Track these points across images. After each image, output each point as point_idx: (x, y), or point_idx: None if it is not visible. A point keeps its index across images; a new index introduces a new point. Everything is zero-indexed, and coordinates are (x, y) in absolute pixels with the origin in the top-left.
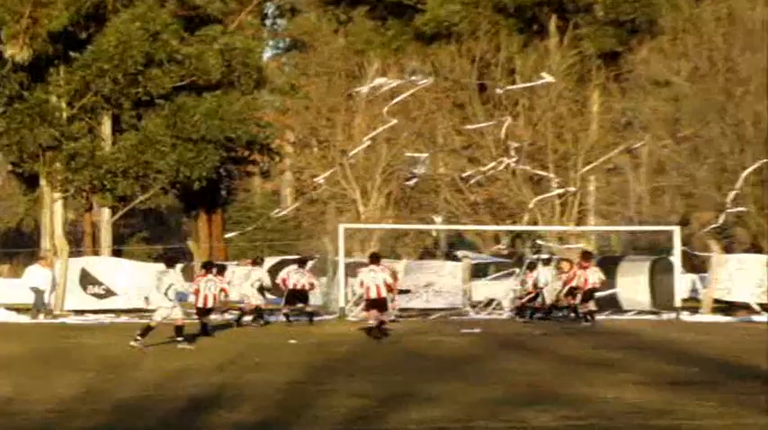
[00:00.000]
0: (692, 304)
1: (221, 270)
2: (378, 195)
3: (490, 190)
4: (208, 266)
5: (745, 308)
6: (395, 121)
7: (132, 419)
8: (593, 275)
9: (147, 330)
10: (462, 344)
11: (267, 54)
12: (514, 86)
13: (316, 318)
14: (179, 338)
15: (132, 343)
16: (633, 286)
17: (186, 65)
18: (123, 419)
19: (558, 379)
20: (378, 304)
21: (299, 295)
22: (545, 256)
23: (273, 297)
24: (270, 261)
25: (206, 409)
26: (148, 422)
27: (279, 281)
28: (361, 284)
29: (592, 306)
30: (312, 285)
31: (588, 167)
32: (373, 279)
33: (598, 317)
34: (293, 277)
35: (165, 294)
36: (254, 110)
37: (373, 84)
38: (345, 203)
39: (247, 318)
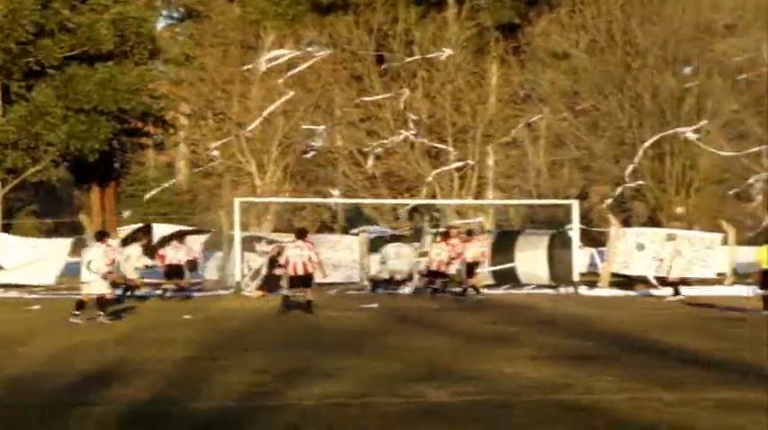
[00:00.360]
0: (591, 278)
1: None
2: (274, 168)
3: (388, 163)
4: (100, 236)
5: (644, 282)
6: (292, 93)
7: (21, 395)
8: (473, 249)
9: (80, 305)
10: (361, 320)
11: (161, 24)
12: (412, 58)
13: (212, 293)
14: (100, 313)
15: (72, 319)
16: (532, 260)
17: (78, 34)
18: (11, 395)
19: (456, 354)
20: (303, 280)
21: (175, 271)
22: (443, 230)
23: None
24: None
25: (99, 385)
26: (38, 398)
27: (158, 256)
28: (287, 261)
29: (474, 281)
30: (191, 261)
31: (486, 137)
32: (300, 256)
33: (497, 291)
34: (170, 253)
35: (88, 268)
36: (148, 81)
37: (269, 55)
38: (241, 176)
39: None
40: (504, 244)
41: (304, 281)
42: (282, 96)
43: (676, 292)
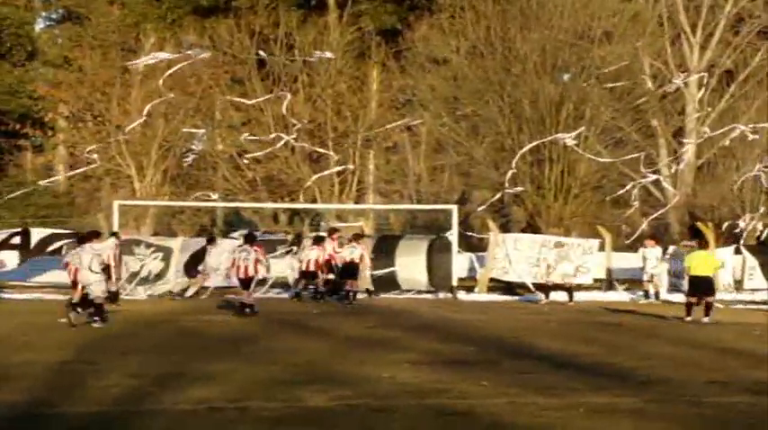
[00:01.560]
0: (471, 283)
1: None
2: (154, 171)
3: (269, 167)
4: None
5: (523, 287)
6: (171, 95)
7: None
8: (348, 252)
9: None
10: (239, 324)
11: (40, 25)
12: (293, 62)
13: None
14: (95, 317)
15: (95, 325)
16: (411, 265)
17: None
18: None
19: (335, 358)
20: (245, 283)
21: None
22: (320, 234)
23: None
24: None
25: None
26: None
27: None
28: (233, 263)
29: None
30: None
31: (367, 142)
32: (245, 259)
33: (379, 296)
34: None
35: (90, 268)
36: (27, 82)
37: (149, 57)
38: (120, 179)
39: None
40: (384, 249)
41: (245, 283)
42: (162, 98)
43: (571, 297)
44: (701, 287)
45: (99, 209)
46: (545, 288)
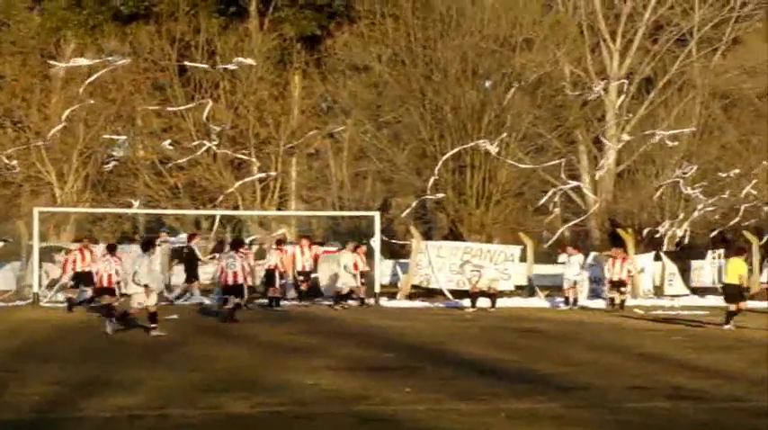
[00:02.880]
0: (393, 290)
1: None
2: (75, 178)
3: (191, 173)
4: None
5: (442, 294)
6: (92, 102)
7: None
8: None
9: (124, 315)
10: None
11: None
12: (215, 68)
13: (10, 304)
14: (153, 325)
15: (154, 332)
16: (334, 272)
17: None
18: None
19: (256, 365)
20: (233, 290)
21: None
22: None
23: None
24: None
25: None
26: None
27: None
28: (221, 270)
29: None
30: None
31: (289, 149)
32: (232, 266)
33: (299, 302)
34: None
35: (133, 280)
36: None
37: (70, 63)
38: (41, 186)
39: None
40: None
41: (235, 290)
42: (82, 104)
43: (494, 304)
44: (731, 294)
45: (19, 215)
46: (472, 295)
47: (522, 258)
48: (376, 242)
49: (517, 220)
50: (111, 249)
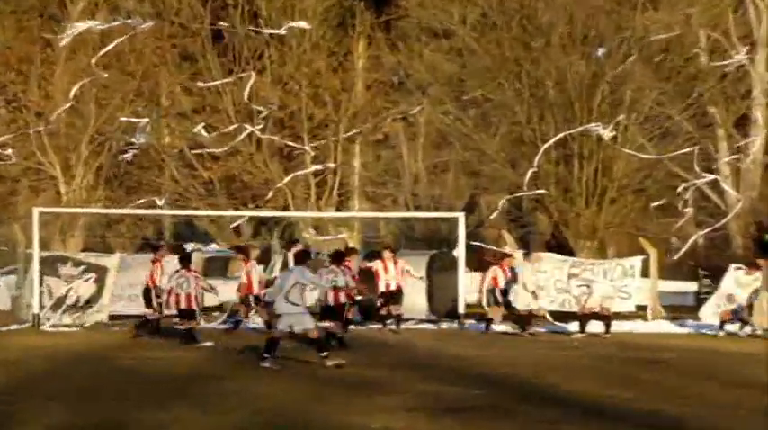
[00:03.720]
0: (481, 310)
1: None
2: (84, 171)
3: (228, 166)
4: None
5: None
6: (105, 75)
7: None
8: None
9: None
10: (192, 361)
11: None
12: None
13: (2, 328)
14: (323, 354)
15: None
16: (407, 289)
17: None
18: None
19: (311, 403)
20: (332, 312)
21: None
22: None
23: None
24: None
25: None
26: None
27: None
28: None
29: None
30: None
31: (351, 135)
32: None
33: (362, 327)
34: None
35: (286, 298)
36: None
37: (77, 27)
38: (42, 181)
39: None
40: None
41: (333, 313)
42: (93, 78)
43: (608, 328)
44: None
45: (15, 218)
46: (581, 318)
47: (645, 272)
48: (460, 251)
49: (637, 224)
50: (186, 261)
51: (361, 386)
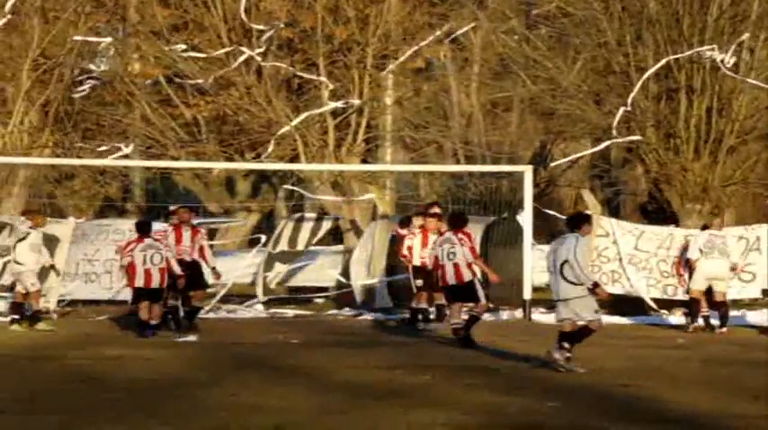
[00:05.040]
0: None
1: None
2: (26, 107)
3: (219, 102)
4: None
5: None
6: None
7: None
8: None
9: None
10: (171, 361)
11: None
12: None
13: None
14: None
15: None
16: None
17: None
18: None
19: (335, 418)
20: (463, 292)
21: None
22: (309, 214)
23: None
24: None
25: None
26: None
27: None
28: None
29: None
30: None
31: (382, 61)
32: (450, 254)
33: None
34: None
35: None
36: None
37: None
38: None
39: None
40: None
41: (464, 292)
42: None
43: (724, 321)
44: None
45: None
46: (691, 306)
47: None
48: (526, 217)
49: (765, 181)
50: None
51: (393, 396)
